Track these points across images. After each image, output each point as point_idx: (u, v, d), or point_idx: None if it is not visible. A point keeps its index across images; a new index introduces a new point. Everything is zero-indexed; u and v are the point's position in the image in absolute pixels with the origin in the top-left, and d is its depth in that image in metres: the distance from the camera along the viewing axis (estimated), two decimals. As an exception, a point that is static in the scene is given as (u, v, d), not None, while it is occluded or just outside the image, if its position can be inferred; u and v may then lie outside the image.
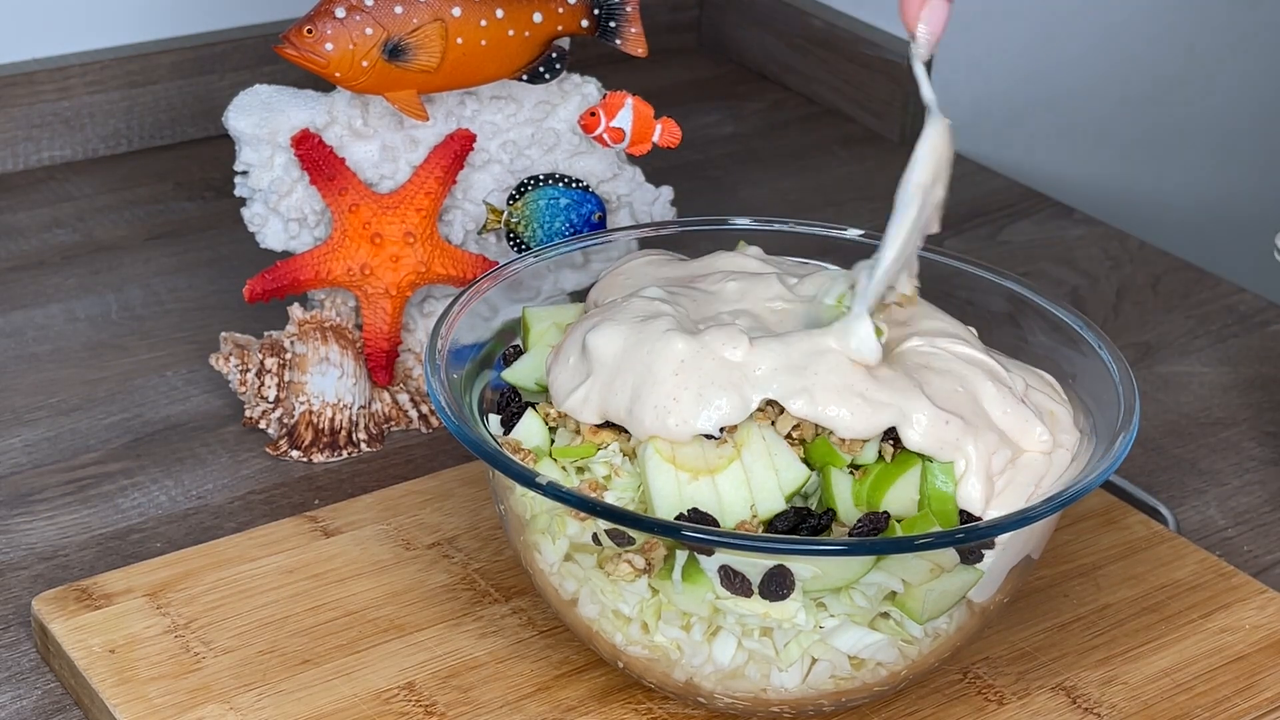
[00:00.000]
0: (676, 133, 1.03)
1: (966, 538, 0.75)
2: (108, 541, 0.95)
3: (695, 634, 0.77)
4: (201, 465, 1.01)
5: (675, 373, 0.78)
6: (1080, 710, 0.84)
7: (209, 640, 0.85)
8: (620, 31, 1.02)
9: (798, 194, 1.37)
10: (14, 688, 0.85)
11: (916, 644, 0.78)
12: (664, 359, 0.78)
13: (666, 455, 0.77)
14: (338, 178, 1.00)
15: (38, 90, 1.32)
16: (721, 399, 0.77)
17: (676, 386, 0.77)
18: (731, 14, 1.59)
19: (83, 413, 1.06)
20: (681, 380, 0.78)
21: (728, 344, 0.78)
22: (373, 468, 1.02)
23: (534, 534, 0.80)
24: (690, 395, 0.77)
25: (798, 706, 0.79)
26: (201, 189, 1.32)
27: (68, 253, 1.23)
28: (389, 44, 0.97)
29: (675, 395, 0.77)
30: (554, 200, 1.03)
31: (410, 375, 1.05)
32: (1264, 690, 0.85)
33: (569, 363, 0.81)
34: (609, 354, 0.79)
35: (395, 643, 0.85)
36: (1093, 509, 0.96)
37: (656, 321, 0.80)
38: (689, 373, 0.78)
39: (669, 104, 1.11)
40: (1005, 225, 1.33)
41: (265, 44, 1.35)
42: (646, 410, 0.77)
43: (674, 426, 0.77)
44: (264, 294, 1.01)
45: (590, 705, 0.82)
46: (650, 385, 0.78)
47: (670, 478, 0.77)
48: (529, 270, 0.90)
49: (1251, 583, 0.92)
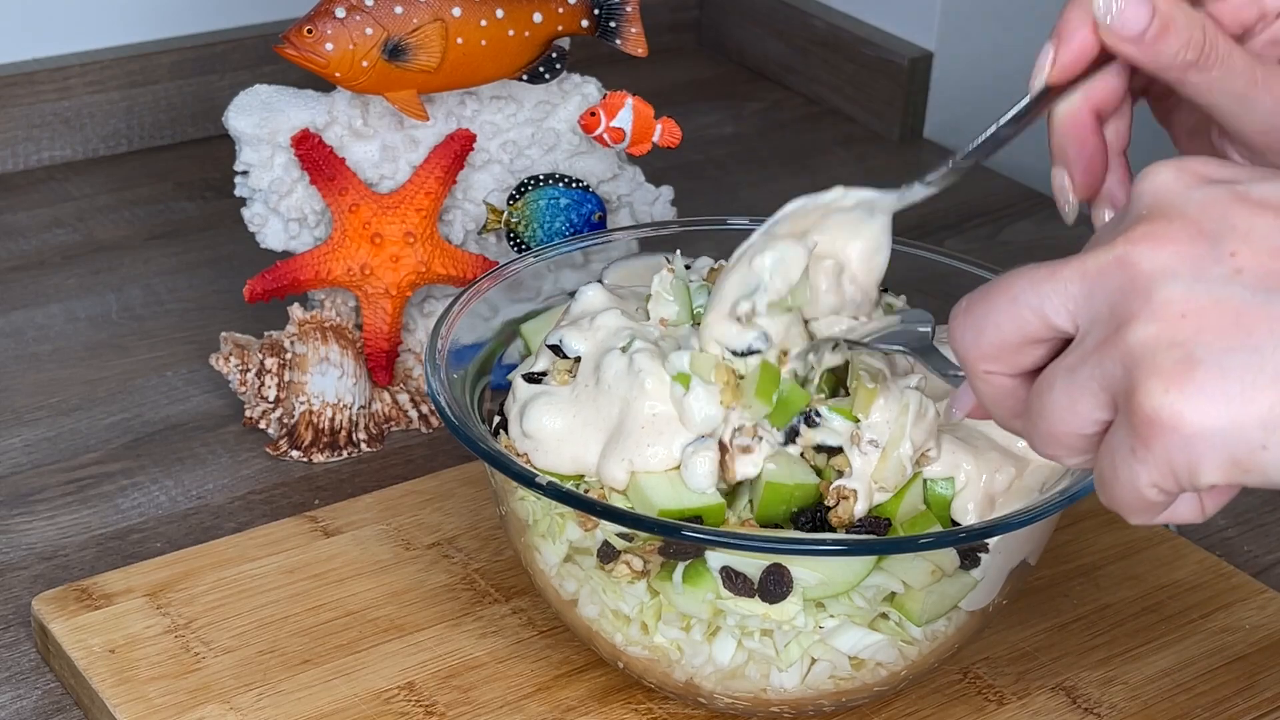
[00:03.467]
0: (676, 133, 1.03)
1: (967, 537, 0.75)
2: (108, 541, 0.95)
3: (695, 634, 0.77)
4: (201, 465, 1.01)
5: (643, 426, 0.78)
6: (1080, 710, 0.84)
7: (209, 640, 0.85)
8: (620, 31, 1.02)
9: (798, 194, 1.37)
10: (14, 688, 0.85)
11: (916, 644, 0.78)
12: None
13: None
14: (338, 178, 1.00)
15: (38, 90, 1.32)
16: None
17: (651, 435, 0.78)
18: (731, 14, 1.59)
19: (83, 413, 1.06)
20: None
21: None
22: (373, 468, 1.02)
23: (535, 536, 0.79)
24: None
25: (798, 706, 0.79)
26: (201, 189, 1.32)
27: (68, 253, 1.23)
28: (389, 44, 0.97)
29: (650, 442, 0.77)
30: (554, 200, 1.03)
31: (410, 375, 1.05)
32: (1264, 690, 0.85)
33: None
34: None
35: (395, 643, 0.85)
36: (1092, 509, 0.96)
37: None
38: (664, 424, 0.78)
39: (669, 104, 1.11)
40: (1005, 225, 1.33)
41: (265, 44, 1.35)
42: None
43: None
44: (264, 294, 1.01)
45: (590, 705, 0.82)
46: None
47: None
48: (529, 270, 0.90)
49: (1251, 583, 0.92)
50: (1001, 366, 0.61)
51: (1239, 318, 0.55)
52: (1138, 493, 0.57)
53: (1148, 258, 0.56)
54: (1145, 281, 0.56)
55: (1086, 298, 0.57)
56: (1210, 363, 0.54)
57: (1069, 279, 0.58)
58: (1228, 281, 0.55)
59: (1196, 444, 0.55)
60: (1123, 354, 0.56)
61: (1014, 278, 0.59)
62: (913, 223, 1.30)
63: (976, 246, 1.28)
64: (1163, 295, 0.55)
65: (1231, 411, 0.55)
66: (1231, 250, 0.56)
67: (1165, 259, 0.56)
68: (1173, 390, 0.55)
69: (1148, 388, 0.55)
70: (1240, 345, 0.55)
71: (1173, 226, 0.56)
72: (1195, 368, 0.55)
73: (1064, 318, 0.58)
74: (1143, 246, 0.56)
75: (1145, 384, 0.55)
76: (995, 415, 0.63)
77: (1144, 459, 0.56)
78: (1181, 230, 0.56)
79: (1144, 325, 0.55)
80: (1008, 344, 0.60)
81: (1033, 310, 0.59)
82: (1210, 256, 0.56)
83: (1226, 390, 0.54)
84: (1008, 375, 0.61)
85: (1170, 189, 0.58)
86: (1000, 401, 0.62)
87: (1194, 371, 0.55)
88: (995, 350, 0.60)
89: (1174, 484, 0.57)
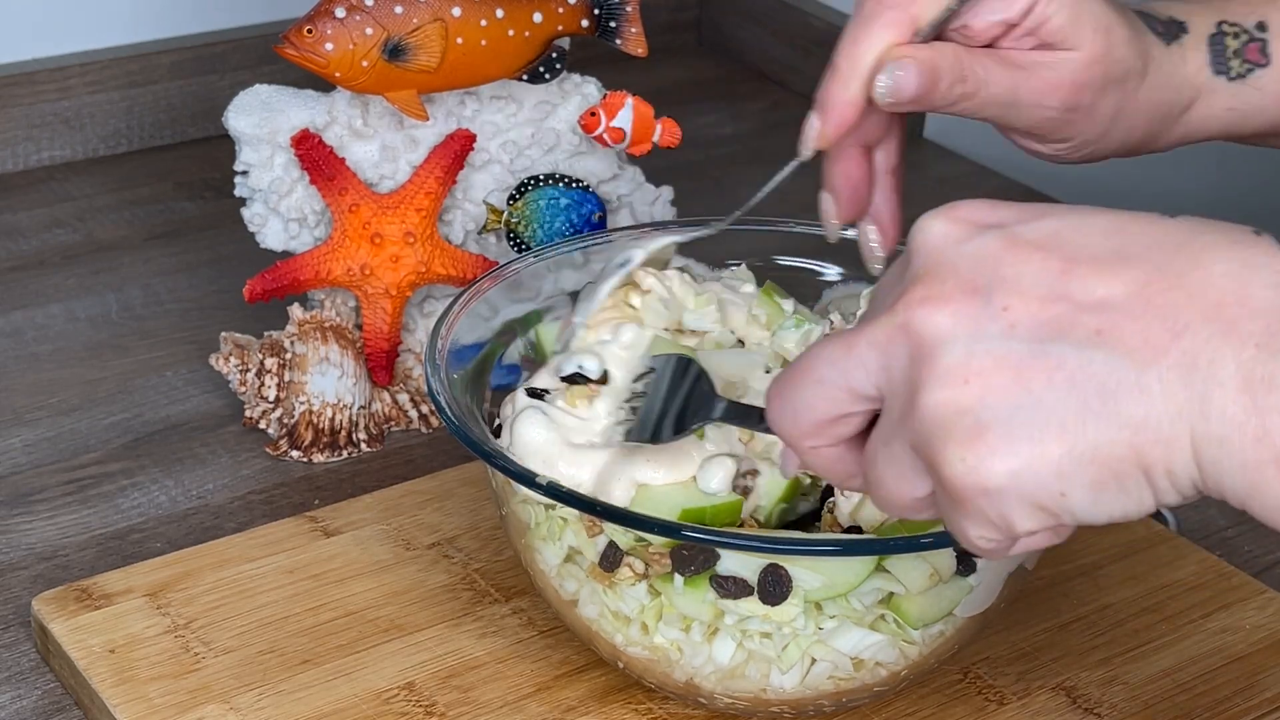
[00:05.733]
0: (676, 133, 1.03)
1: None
2: (108, 541, 0.95)
3: (695, 635, 0.77)
4: (201, 465, 1.01)
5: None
6: (1080, 710, 0.84)
7: (209, 640, 0.85)
8: (620, 31, 1.02)
9: (798, 194, 1.37)
10: (14, 688, 0.85)
11: (916, 644, 0.78)
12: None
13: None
14: (338, 178, 1.00)
15: (38, 90, 1.32)
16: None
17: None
18: (731, 14, 1.59)
19: (83, 413, 1.06)
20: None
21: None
22: (373, 468, 1.02)
23: (535, 539, 0.79)
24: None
25: (798, 707, 0.79)
26: (201, 189, 1.32)
27: (68, 253, 1.23)
28: (389, 44, 0.97)
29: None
30: (554, 200, 1.03)
31: (410, 375, 1.05)
32: (1264, 690, 0.85)
33: None
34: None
35: (395, 643, 0.85)
36: (1093, 509, 0.96)
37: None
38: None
39: (669, 104, 1.10)
40: (1005, 225, 1.33)
41: (265, 44, 1.35)
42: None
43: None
44: (264, 294, 1.01)
45: (590, 705, 0.82)
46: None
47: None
48: (529, 270, 0.90)
49: (1251, 583, 0.92)
50: (823, 440, 0.62)
51: (1019, 374, 0.56)
52: (972, 544, 0.59)
53: (927, 323, 0.57)
54: (928, 348, 0.57)
55: (883, 368, 0.59)
56: (998, 424, 0.56)
57: (864, 351, 0.59)
58: (1004, 337, 0.56)
59: (1003, 500, 0.56)
60: (919, 423, 0.57)
61: (814, 360, 0.61)
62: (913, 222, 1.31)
63: (976, 246, 1.28)
64: (945, 361, 0.56)
65: (1026, 466, 0.56)
66: (1004, 305, 0.56)
67: (943, 322, 0.57)
68: (969, 456, 0.56)
69: (946, 456, 0.57)
70: (1023, 402, 0.56)
71: (946, 286, 0.57)
72: (985, 431, 0.56)
73: (869, 387, 0.59)
74: (921, 312, 0.57)
75: (943, 452, 0.57)
76: (832, 481, 0.64)
77: (964, 516, 0.58)
78: (955, 289, 0.57)
79: (932, 392, 0.57)
80: (823, 421, 0.61)
81: (839, 387, 0.60)
82: (985, 314, 0.56)
83: (1016, 450, 0.56)
84: (831, 446, 0.62)
85: (941, 245, 0.59)
86: (832, 469, 0.63)
87: (985, 435, 0.56)
88: (814, 428, 0.62)
89: (998, 534, 0.58)
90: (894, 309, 0.58)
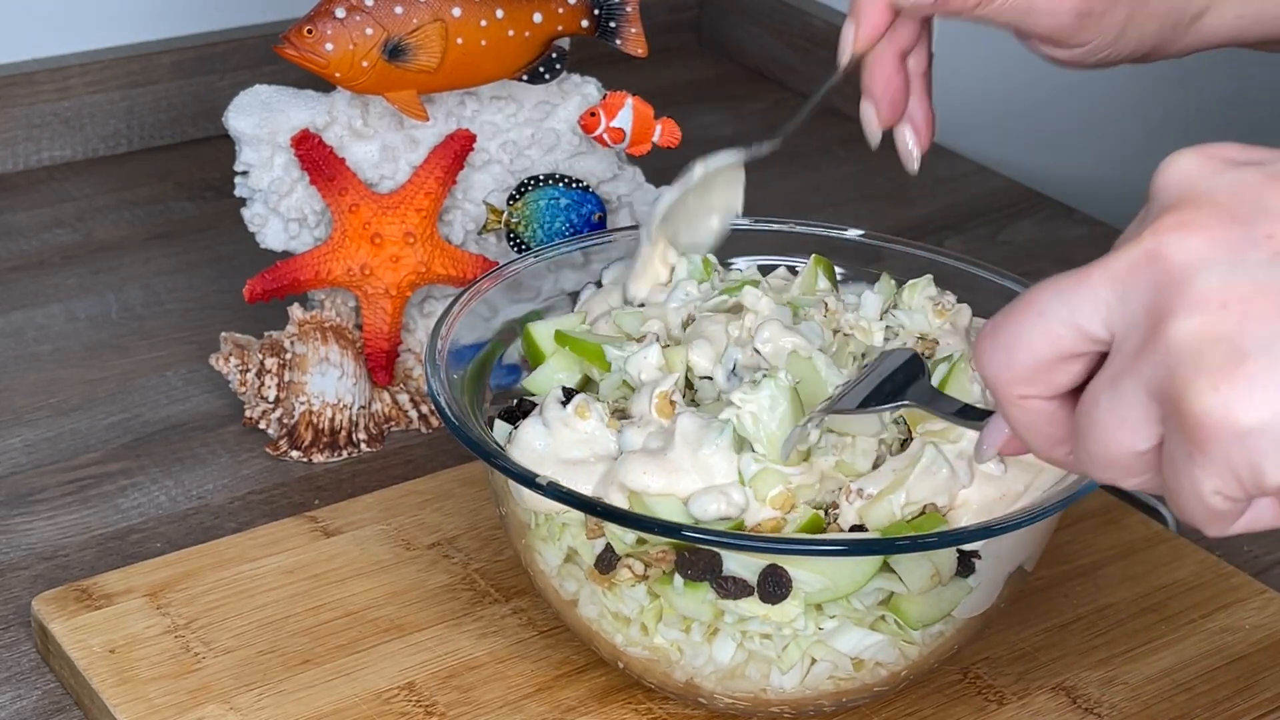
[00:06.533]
0: (676, 133, 1.03)
1: (966, 537, 0.75)
2: (108, 541, 0.95)
3: (695, 635, 0.77)
4: (201, 465, 1.01)
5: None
6: (1080, 710, 0.84)
7: (209, 640, 0.85)
8: (620, 31, 1.02)
9: (798, 194, 1.37)
10: (14, 688, 0.85)
11: (916, 645, 0.78)
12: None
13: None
14: (338, 178, 1.00)
15: (38, 90, 1.32)
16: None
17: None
18: (731, 14, 1.59)
19: (83, 413, 1.06)
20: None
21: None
22: (373, 468, 1.02)
23: (535, 539, 0.79)
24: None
25: (798, 707, 0.79)
26: (201, 189, 1.32)
27: (68, 253, 1.23)
28: (389, 44, 0.97)
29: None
30: (554, 200, 1.03)
31: (410, 375, 1.05)
32: (1264, 690, 0.85)
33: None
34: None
35: (395, 643, 0.85)
36: (1092, 509, 0.96)
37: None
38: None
39: (669, 104, 1.10)
40: (1005, 225, 1.33)
41: (265, 44, 1.35)
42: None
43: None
44: (264, 294, 1.01)
45: (590, 705, 0.82)
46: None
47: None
48: (529, 270, 0.90)
49: (1251, 583, 0.92)
50: (1037, 389, 0.57)
51: None
52: (1203, 502, 0.54)
53: (1179, 248, 0.53)
54: (1180, 274, 0.53)
55: (1120, 300, 0.54)
56: (1259, 353, 0.51)
57: (1098, 283, 0.54)
58: (1268, 265, 0.52)
59: (1255, 442, 0.51)
60: (1164, 355, 0.52)
61: (1039, 291, 0.56)
62: (913, 222, 1.31)
63: (977, 246, 1.28)
64: (1200, 286, 0.52)
65: None
66: (1268, 232, 0.53)
67: (1198, 247, 0.53)
68: (1223, 387, 0.51)
69: (1196, 387, 0.52)
70: None
71: (1202, 213, 0.53)
72: (1244, 360, 0.51)
73: (1098, 326, 0.55)
74: (1172, 236, 0.53)
75: (1192, 384, 0.52)
76: (1034, 445, 0.59)
77: (1202, 465, 0.53)
78: (1212, 216, 0.53)
79: (1183, 320, 0.52)
80: (1042, 363, 0.56)
81: (1064, 322, 0.55)
82: (1246, 240, 0.52)
83: None
84: (1045, 398, 0.57)
85: (1194, 176, 0.55)
86: (1039, 429, 0.58)
87: (1243, 364, 0.51)
88: (1029, 372, 0.56)
89: (1239, 489, 0.53)
90: (1139, 239, 0.54)
